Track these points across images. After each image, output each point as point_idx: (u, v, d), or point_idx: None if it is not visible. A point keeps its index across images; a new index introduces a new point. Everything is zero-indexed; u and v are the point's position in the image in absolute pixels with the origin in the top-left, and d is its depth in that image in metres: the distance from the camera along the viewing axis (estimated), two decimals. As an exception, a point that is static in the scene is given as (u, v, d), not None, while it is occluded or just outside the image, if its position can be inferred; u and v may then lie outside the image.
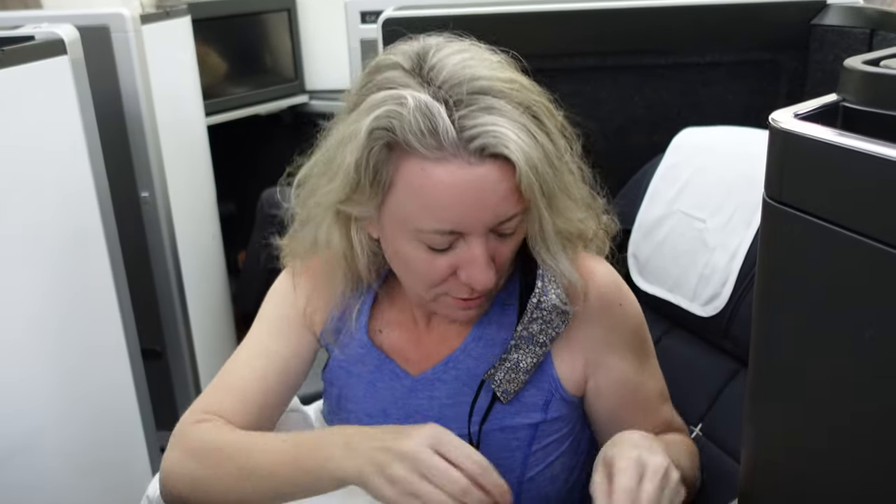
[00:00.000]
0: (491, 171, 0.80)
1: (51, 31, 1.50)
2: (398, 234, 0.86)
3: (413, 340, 1.02)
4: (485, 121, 0.78)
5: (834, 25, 1.43)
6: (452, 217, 0.82)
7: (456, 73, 0.81)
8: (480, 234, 0.84)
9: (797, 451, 0.57)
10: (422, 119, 0.78)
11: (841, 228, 0.49)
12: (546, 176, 0.81)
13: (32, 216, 1.45)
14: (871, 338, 0.49)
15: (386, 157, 0.81)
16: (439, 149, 0.79)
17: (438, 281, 0.88)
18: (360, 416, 1.03)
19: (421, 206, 0.82)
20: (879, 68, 0.51)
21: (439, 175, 0.80)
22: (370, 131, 0.80)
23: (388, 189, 0.83)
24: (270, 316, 1.05)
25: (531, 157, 0.79)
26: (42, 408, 1.48)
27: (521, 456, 0.98)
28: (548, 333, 0.95)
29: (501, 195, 0.81)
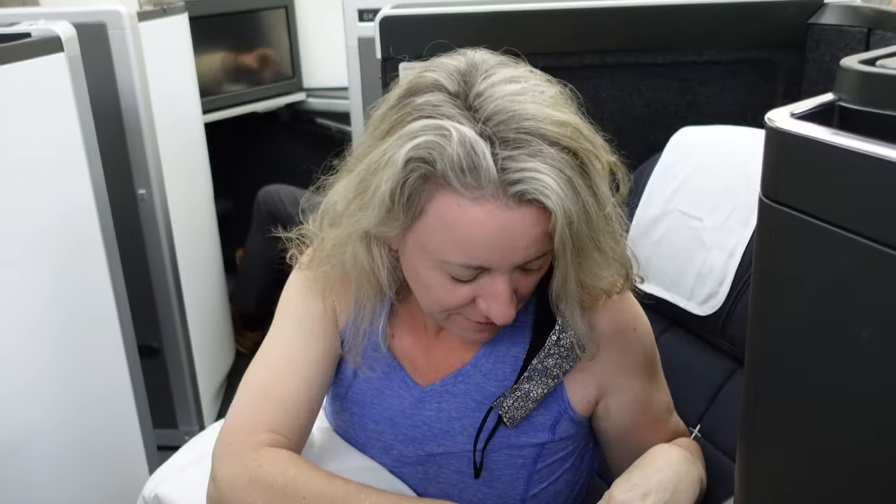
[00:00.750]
0: (527, 215, 0.77)
1: (47, 29, 1.49)
2: (421, 259, 0.84)
3: (423, 347, 1.01)
4: (529, 166, 0.75)
5: (831, 24, 1.43)
6: (481, 255, 0.80)
7: (505, 109, 0.77)
8: (506, 272, 0.82)
9: (793, 450, 0.57)
10: (465, 157, 0.75)
11: (837, 228, 0.48)
12: (581, 233, 0.79)
13: (29, 214, 1.45)
14: (867, 338, 0.49)
15: (420, 186, 0.78)
16: (478, 188, 0.76)
17: (456, 307, 0.87)
18: (366, 421, 1.02)
19: (450, 240, 0.80)
20: (875, 68, 0.51)
21: (475, 213, 0.77)
22: (408, 160, 0.77)
23: (418, 216, 0.81)
24: (297, 318, 1.01)
25: (570, 212, 0.76)
26: (39, 405, 1.48)
27: (526, 473, 0.97)
28: (562, 367, 0.94)
29: (534, 238, 0.79)
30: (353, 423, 1.03)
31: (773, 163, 0.53)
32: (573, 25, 1.54)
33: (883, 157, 0.45)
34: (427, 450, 0.99)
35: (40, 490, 1.48)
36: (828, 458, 0.54)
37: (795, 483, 0.57)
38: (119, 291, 1.69)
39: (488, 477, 0.97)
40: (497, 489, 0.97)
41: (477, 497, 0.98)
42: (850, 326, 0.50)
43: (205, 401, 2.33)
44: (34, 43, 1.46)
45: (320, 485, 0.89)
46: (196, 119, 2.44)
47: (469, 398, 0.97)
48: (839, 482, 0.54)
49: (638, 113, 1.59)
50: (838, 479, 0.54)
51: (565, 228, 0.77)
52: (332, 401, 1.08)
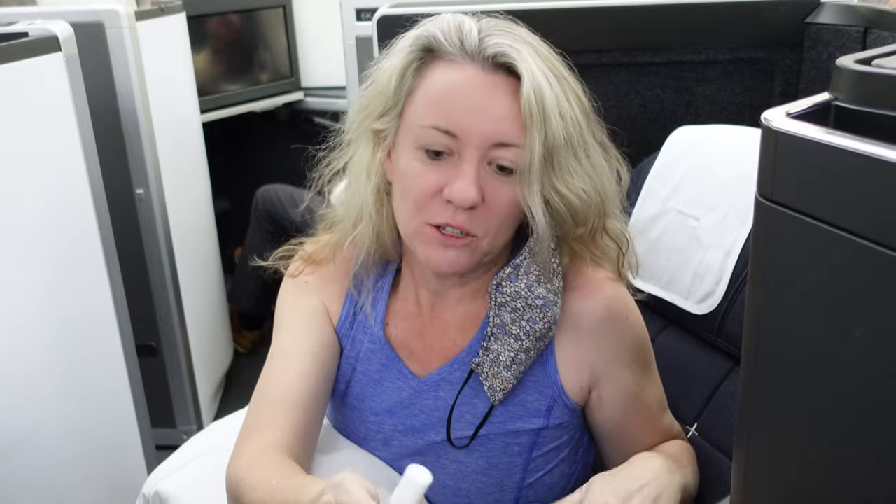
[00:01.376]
0: (500, 81, 0.86)
1: (45, 28, 1.49)
2: (403, 146, 0.90)
3: (417, 331, 1.02)
4: (506, 40, 0.87)
5: (828, 24, 1.43)
6: (453, 116, 0.86)
7: (499, 23, 0.91)
8: (473, 150, 0.86)
9: (789, 449, 0.57)
10: (454, 27, 0.89)
11: (833, 227, 0.49)
12: (551, 112, 0.85)
13: (27, 214, 1.45)
14: (862, 336, 0.49)
15: (417, 65, 0.90)
16: (461, 50, 0.87)
17: (424, 195, 0.88)
18: (366, 413, 1.03)
19: (429, 102, 0.88)
20: (871, 67, 0.51)
21: (453, 74, 0.87)
22: (414, 38, 0.91)
23: (409, 94, 0.90)
24: (288, 320, 1.04)
25: (539, 81, 0.85)
26: (37, 404, 1.48)
27: (522, 462, 0.98)
28: (521, 326, 0.93)
29: (504, 111, 0.86)
30: (354, 417, 1.04)
31: (769, 162, 0.53)
32: (570, 25, 1.55)
33: (878, 156, 0.46)
34: (427, 439, 1.00)
35: (39, 489, 1.48)
36: (824, 456, 0.54)
37: (791, 481, 0.58)
38: (117, 291, 1.69)
39: (485, 464, 0.98)
40: (494, 477, 0.98)
41: (474, 486, 0.98)
42: (846, 324, 0.50)
43: (203, 400, 2.33)
44: (31, 42, 1.45)
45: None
46: (194, 118, 2.44)
47: (467, 387, 0.98)
48: (835, 480, 0.54)
49: (635, 112, 1.59)
50: (834, 477, 0.54)
51: (532, 93, 0.84)
52: (332, 397, 1.08)
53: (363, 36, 2.32)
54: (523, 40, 0.88)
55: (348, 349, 1.04)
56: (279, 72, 3.08)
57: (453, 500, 1.00)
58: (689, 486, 1.00)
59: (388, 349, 1.02)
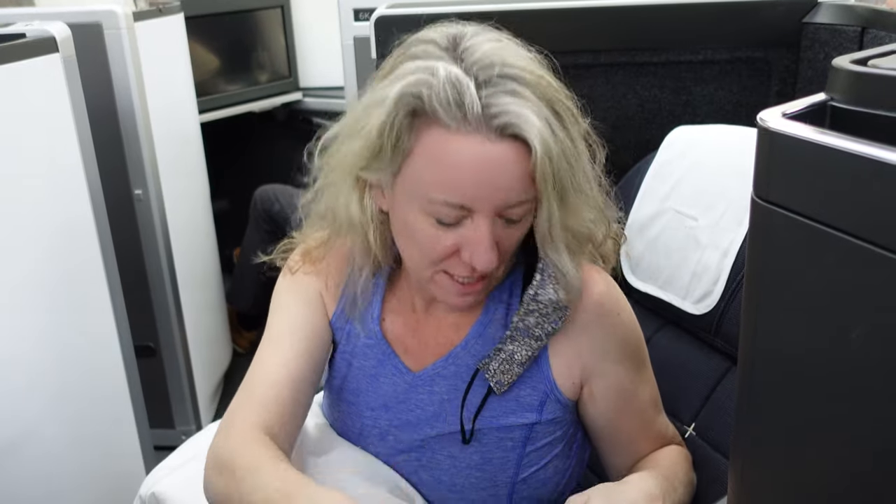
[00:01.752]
0: (509, 151, 0.82)
1: (42, 29, 1.49)
2: (408, 204, 0.87)
3: (412, 327, 1.03)
4: (510, 102, 0.81)
5: (825, 23, 1.43)
6: (465, 191, 0.83)
7: (488, 55, 0.83)
8: (488, 215, 0.85)
9: (787, 449, 0.57)
10: (450, 90, 0.81)
11: (828, 228, 0.49)
12: (561, 168, 0.83)
13: (25, 215, 1.45)
14: (858, 336, 0.49)
15: (409, 124, 0.83)
16: (463, 120, 0.81)
17: (441, 258, 0.88)
18: (361, 408, 1.03)
19: (436, 176, 0.83)
20: (867, 68, 0.51)
21: (459, 146, 0.82)
22: (399, 97, 0.82)
23: (406, 156, 0.85)
24: (283, 305, 1.05)
25: (549, 145, 0.81)
26: (35, 405, 1.48)
27: (516, 457, 0.98)
28: (544, 328, 0.95)
29: (516, 177, 0.83)
30: (350, 413, 1.05)
31: (765, 163, 0.53)
32: (568, 25, 1.55)
33: (874, 157, 0.46)
34: (422, 433, 1.00)
35: (37, 489, 1.48)
36: (821, 455, 0.54)
37: (789, 481, 0.58)
38: (115, 291, 1.69)
39: (479, 459, 0.98)
40: (488, 472, 0.98)
41: (469, 481, 0.99)
42: (842, 324, 0.50)
43: (202, 401, 2.33)
44: (29, 44, 1.45)
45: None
46: (192, 119, 2.44)
47: (459, 379, 0.99)
48: (832, 480, 0.54)
49: (633, 112, 1.59)
50: (831, 477, 0.54)
51: (546, 160, 0.81)
52: (327, 394, 1.09)
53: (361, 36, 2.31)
54: (523, 84, 0.82)
55: (343, 343, 1.05)
56: (277, 72, 3.08)
57: (447, 495, 1.00)
58: (683, 499, 1.01)
59: (383, 344, 1.02)
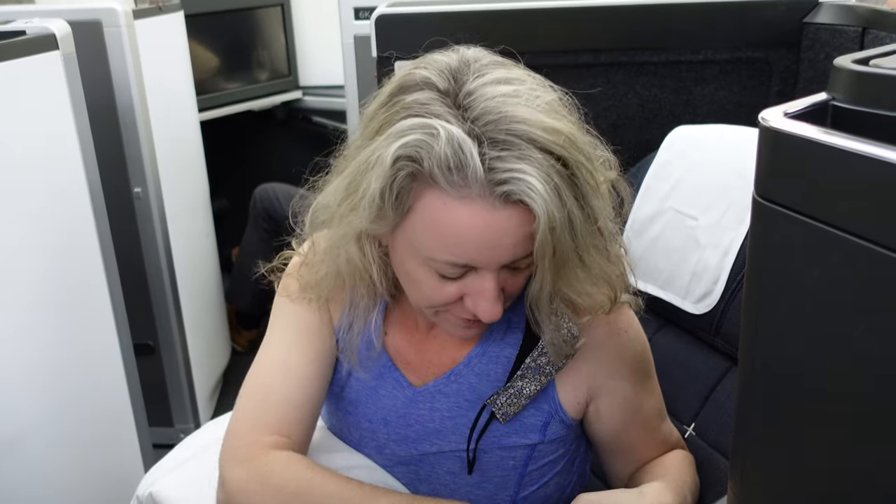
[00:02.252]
0: (513, 216, 0.77)
1: (42, 26, 1.49)
2: (410, 256, 0.85)
3: (415, 344, 1.01)
4: (516, 167, 0.75)
5: (826, 23, 1.43)
6: (467, 254, 0.80)
7: (495, 109, 0.76)
8: (493, 270, 0.83)
9: (787, 451, 0.57)
10: (452, 155, 0.75)
11: (830, 227, 0.49)
12: (563, 241, 0.78)
13: (25, 212, 1.45)
14: (859, 336, 0.49)
15: (409, 185, 0.78)
16: (465, 187, 0.76)
17: (443, 304, 0.87)
18: (360, 419, 1.02)
19: (437, 239, 0.80)
20: (869, 67, 0.51)
21: (460, 213, 0.77)
22: (395, 159, 0.76)
23: (406, 213, 0.80)
24: (289, 320, 1.02)
25: (553, 217, 0.76)
26: (34, 403, 1.47)
27: (517, 475, 0.98)
28: (554, 365, 0.95)
29: (520, 238, 0.79)
30: (348, 422, 1.04)
31: (767, 162, 0.53)
32: (569, 24, 1.55)
33: (876, 156, 0.46)
34: (420, 449, 0.99)
35: (35, 488, 1.48)
36: (821, 456, 0.54)
37: (789, 482, 0.58)
38: (114, 289, 1.69)
39: (479, 478, 0.98)
40: (487, 490, 0.98)
41: (468, 498, 0.98)
42: (844, 324, 0.50)
43: (200, 399, 2.33)
44: (29, 41, 1.45)
45: (335, 487, 0.90)
46: (192, 117, 2.44)
47: (462, 398, 0.98)
48: (832, 481, 0.54)
49: (633, 112, 1.59)
50: (832, 478, 0.54)
51: (547, 234, 0.76)
52: (327, 400, 1.08)
53: (361, 35, 2.31)
54: (529, 142, 0.76)
55: (345, 357, 1.03)
56: (277, 70, 3.08)
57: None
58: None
59: (384, 358, 1.01)
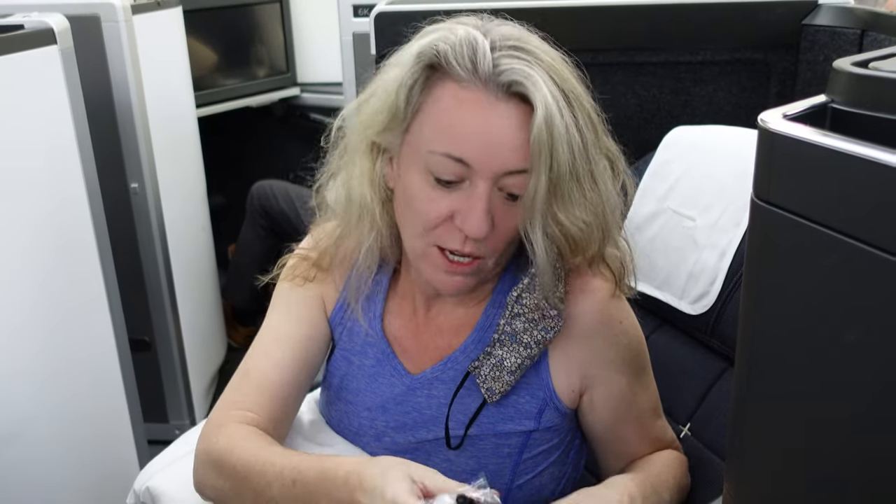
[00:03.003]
0: (513, 112, 0.84)
1: (40, 21, 1.49)
2: (411, 165, 0.88)
3: (413, 329, 1.02)
4: (521, 67, 0.83)
5: (825, 25, 1.43)
6: (465, 145, 0.84)
7: (508, 32, 0.87)
8: (485, 180, 0.85)
9: (782, 451, 0.57)
10: (466, 47, 0.84)
11: (827, 229, 0.49)
12: (559, 145, 0.83)
13: (21, 207, 1.44)
14: (856, 338, 0.49)
15: (424, 80, 0.86)
16: (473, 74, 0.84)
17: (434, 222, 0.88)
18: (359, 408, 1.03)
19: (439, 130, 0.86)
20: (868, 70, 0.51)
21: (465, 99, 0.84)
22: (418, 52, 0.86)
23: (416, 111, 0.87)
24: (281, 307, 1.05)
25: (551, 112, 0.82)
26: (29, 398, 1.47)
27: (512, 463, 0.98)
28: (532, 335, 0.94)
29: (517, 142, 0.84)
30: (348, 412, 1.04)
31: (766, 164, 0.53)
32: (567, 24, 1.55)
33: (874, 159, 0.46)
34: (418, 436, 1.00)
35: (29, 483, 1.48)
36: (816, 456, 0.55)
37: (784, 482, 0.58)
38: (111, 285, 1.68)
39: (475, 466, 0.98)
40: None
41: None
42: (840, 326, 0.50)
43: (196, 395, 2.32)
44: (27, 35, 1.45)
45: (259, 459, 0.91)
46: (189, 113, 2.43)
47: (457, 384, 0.98)
48: (828, 481, 0.54)
49: (632, 112, 1.59)
50: (827, 479, 0.54)
51: (543, 128, 0.82)
52: (325, 392, 1.09)
53: (360, 32, 2.31)
54: (538, 59, 0.84)
55: (344, 341, 1.05)
56: (275, 67, 3.07)
57: None
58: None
59: (384, 343, 1.02)
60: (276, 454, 0.90)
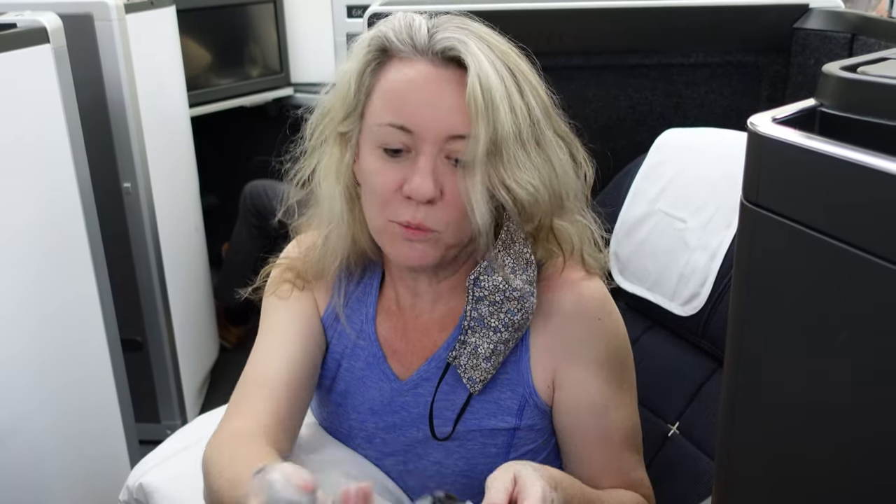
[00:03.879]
0: (451, 76, 0.87)
1: (33, 19, 1.48)
2: (365, 144, 0.92)
3: (400, 329, 1.02)
4: (456, 35, 0.87)
5: (815, 29, 1.44)
6: (407, 112, 0.87)
7: (451, 18, 0.91)
8: (430, 145, 0.87)
9: (771, 451, 0.58)
10: (404, 25, 0.90)
11: (816, 233, 0.49)
12: (499, 103, 0.85)
13: (13, 207, 1.44)
14: (844, 340, 0.49)
15: (375, 66, 0.91)
16: (412, 47, 0.88)
17: (386, 194, 0.89)
18: (349, 410, 1.03)
19: (385, 101, 0.89)
20: (857, 74, 0.52)
21: (406, 72, 0.89)
22: (369, 40, 0.91)
23: (368, 94, 0.91)
24: (276, 306, 1.04)
25: (487, 72, 0.85)
26: (20, 397, 1.47)
27: (500, 464, 0.98)
28: (500, 318, 0.93)
29: (455, 103, 0.86)
30: (338, 414, 1.05)
31: (755, 167, 0.54)
32: (560, 26, 1.55)
33: (863, 163, 0.46)
34: (409, 435, 1.00)
35: (21, 481, 1.48)
36: (805, 458, 0.55)
37: (774, 482, 0.58)
38: (103, 285, 1.68)
39: (464, 466, 0.99)
40: (473, 479, 0.99)
41: (455, 488, 0.99)
42: (828, 328, 0.50)
43: (188, 395, 2.32)
44: (19, 34, 1.45)
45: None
46: (182, 112, 2.43)
47: (444, 383, 0.98)
48: (816, 481, 0.55)
49: (624, 114, 1.60)
50: (816, 479, 0.55)
51: (477, 83, 0.84)
52: (317, 393, 1.09)
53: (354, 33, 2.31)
54: (475, 34, 0.88)
55: (335, 343, 1.05)
56: (269, 67, 3.07)
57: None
58: None
59: (375, 346, 1.02)
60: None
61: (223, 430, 0.94)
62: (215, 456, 0.91)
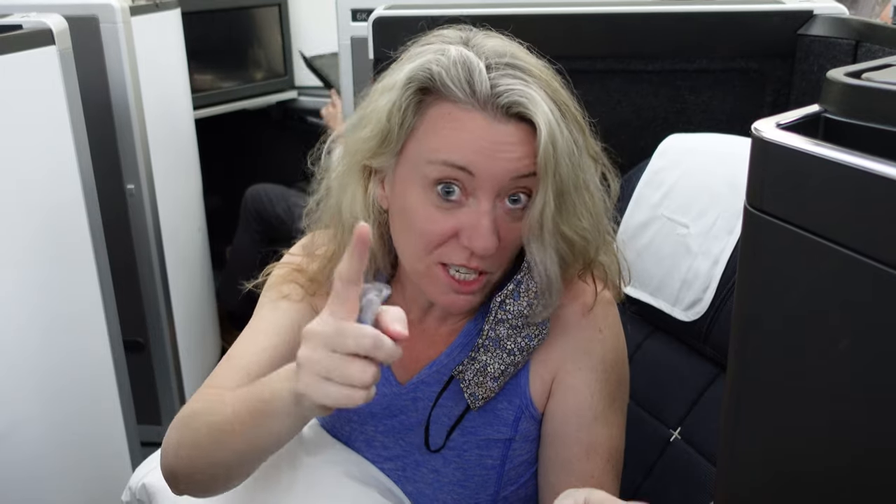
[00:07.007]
0: (514, 131, 0.83)
1: (39, 21, 1.49)
2: (408, 182, 0.87)
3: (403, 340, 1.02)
4: (518, 85, 0.82)
5: (820, 36, 1.44)
6: (467, 153, 0.83)
7: (499, 48, 0.86)
8: (489, 193, 0.84)
9: (773, 457, 0.58)
10: (461, 68, 0.83)
11: (820, 238, 0.49)
12: (563, 159, 0.82)
13: (17, 207, 1.44)
14: (847, 347, 0.49)
15: (417, 103, 0.85)
16: (471, 96, 0.82)
17: (438, 241, 0.86)
18: (349, 413, 1.03)
19: (439, 139, 0.84)
20: (861, 81, 0.52)
21: (464, 119, 0.83)
22: (409, 77, 0.84)
23: (410, 132, 0.86)
24: (272, 296, 1.04)
25: (553, 130, 0.81)
26: (22, 398, 1.47)
27: (496, 475, 0.98)
28: (516, 342, 0.93)
29: (518, 155, 0.83)
30: (339, 417, 1.05)
31: (759, 172, 0.54)
32: (564, 30, 1.55)
33: (866, 168, 0.46)
34: (407, 440, 1.00)
35: (23, 485, 1.48)
36: (808, 464, 0.55)
37: (776, 488, 0.58)
38: (105, 286, 1.68)
39: (461, 476, 0.98)
40: (469, 489, 0.98)
41: (451, 497, 0.99)
42: (831, 335, 0.50)
43: (189, 397, 2.32)
44: (25, 35, 1.45)
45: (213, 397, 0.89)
46: (186, 115, 2.43)
47: (442, 387, 0.98)
48: (819, 488, 0.55)
49: (627, 119, 1.60)
50: (818, 486, 0.55)
51: (550, 146, 0.81)
52: None
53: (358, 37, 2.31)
54: (532, 76, 0.84)
55: None
56: (273, 70, 3.08)
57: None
58: None
59: None
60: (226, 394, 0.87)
61: (197, 395, 0.94)
62: (196, 406, 0.91)
